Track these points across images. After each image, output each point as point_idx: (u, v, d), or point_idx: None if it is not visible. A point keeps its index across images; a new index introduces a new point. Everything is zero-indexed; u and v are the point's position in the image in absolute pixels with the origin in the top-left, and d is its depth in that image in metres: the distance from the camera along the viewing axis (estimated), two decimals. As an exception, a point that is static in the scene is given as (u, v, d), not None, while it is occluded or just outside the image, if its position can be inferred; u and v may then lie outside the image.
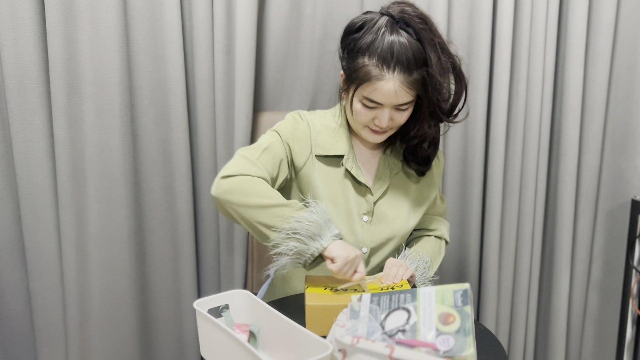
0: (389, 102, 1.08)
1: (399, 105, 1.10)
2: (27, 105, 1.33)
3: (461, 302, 0.82)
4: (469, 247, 1.69)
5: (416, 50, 1.05)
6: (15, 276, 1.45)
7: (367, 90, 1.08)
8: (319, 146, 1.18)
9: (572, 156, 1.67)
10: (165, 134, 1.45)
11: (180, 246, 1.50)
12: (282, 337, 0.89)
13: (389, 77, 1.06)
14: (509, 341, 1.80)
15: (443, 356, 0.76)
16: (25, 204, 1.37)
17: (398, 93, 1.07)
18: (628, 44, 1.68)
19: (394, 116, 1.11)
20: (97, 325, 1.45)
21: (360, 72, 1.08)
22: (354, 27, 1.11)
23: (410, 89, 1.07)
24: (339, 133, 1.21)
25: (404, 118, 1.13)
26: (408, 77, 1.06)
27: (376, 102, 1.09)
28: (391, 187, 1.22)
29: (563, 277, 1.75)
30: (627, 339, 1.74)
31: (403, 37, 1.05)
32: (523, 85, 1.61)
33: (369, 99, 1.09)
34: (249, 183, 1.04)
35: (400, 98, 1.08)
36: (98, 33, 1.33)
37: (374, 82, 1.06)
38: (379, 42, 1.05)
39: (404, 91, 1.07)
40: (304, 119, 1.20)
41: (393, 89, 1.06)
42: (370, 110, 1.11)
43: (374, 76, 1.06)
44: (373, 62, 1.06)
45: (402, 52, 1.04)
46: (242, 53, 1.40)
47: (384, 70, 1.05)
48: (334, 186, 1.19)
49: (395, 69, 1.05)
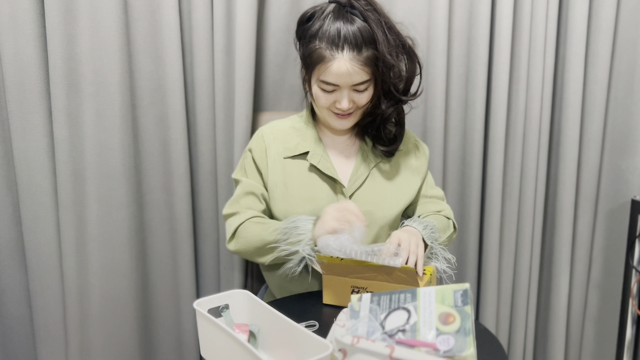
0: (344, 82, 1.12)
1: (356, 86, 1.13)
2: (27, 105, 1.33)
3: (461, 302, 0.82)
4: (468, 247, 1.69)
5: (363, 29, 1.10)
6: (15, 276, 1.45)
7: (321, 73, 1.12)
8: (286, 148, 1.23)
9: (572, 156, 1.67)
10: (165, 133, 1.45)
11: (180, 246, 1.50)
12: (282, 337, 0.89)
13: (339, 56, 1.10)
14: (509, 341, 1.80)
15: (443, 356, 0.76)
16: (25, 204, 1.37)
17: (351, 72, 1.10)
18: (628, 44, 1.68)
19: (354, 98, 1.15)
20: (97, 325, 1.45)
21: (313, 56, 1.13)
22: (305, 17, 1.17)
23: (363, 67, 1.11)
24: (304, 131, 1.25)
25: (365, 99, 1.16)
26: (358, 55, 1.10)
27: (332, 84, 1.13)
28: (369, 179, 1.24)
29: (563, 277, 1.75)
30: (627, 339, 1.74)
31: (349, 19, 1.11)
32: (523, 85, 1.61)
33: (325, 82, 1.13)
34: (245, 235, 1.18)
35: (354, 77, 1.11)
36: (98, 33, 1.33)
37: (326, 64, 1.11)
38: (327, 26, 1.11)
39: (357, 69, 1.11)
40: (260, 136, 1.26)
41: (345, 68, 1.10)
42: (329, 94, 1.15)
43: (325, 57, 1.11)
44: (323, 45, 1.11)
45: (350, 32, 1.10)
46: (242, 53, 1.40)
47: (334, 50, 1.10)
48: (306, 184, 1.21)
49: (345, 48, 1.10)
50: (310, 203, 1.20)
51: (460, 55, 1.59)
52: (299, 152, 1.22)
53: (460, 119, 1.63)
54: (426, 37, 1.55)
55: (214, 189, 1.52)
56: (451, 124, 1.62)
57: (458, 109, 1.62)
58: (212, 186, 1.51)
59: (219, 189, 1.51)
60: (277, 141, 1.24)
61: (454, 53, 1.59)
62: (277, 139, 1.24)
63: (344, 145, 1.27)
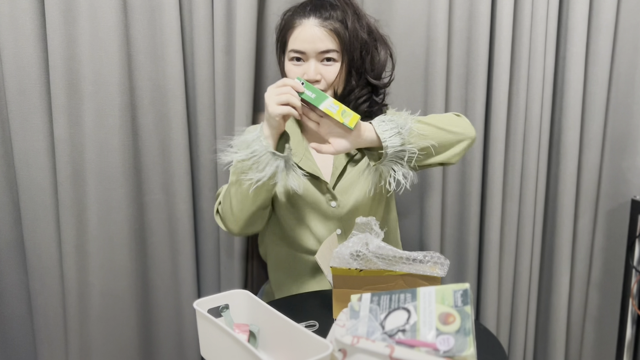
0: (311, 49, 1.15)
1: (322, 54, 1.16)
2: (27, 105, 1.33)
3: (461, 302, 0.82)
4: (469, 247, 1.69)
5: (334, 6, 1.16)
6: (15, 276, 1.45)
7: (290, 43, 1.17)
8: None
9: (572, 156, 1.67)
10: (165, 134, 1.45)
11: (180, 246, 1.50)
12: (282, 337, 0.89)
13: (305, 22, 1.16)
14: (509, 341, 1.80)
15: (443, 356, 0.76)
16: (25, 204, 1.37)
17: (316, 36, 1.14)
18: (628, 44, 1.68)
19: (321, 70, 1.17)
20: (97, 325, 1.44)
21: (282, 29, 1.20)
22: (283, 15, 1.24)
23: (330, 33, 1.15)
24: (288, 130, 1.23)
25: (333, 73, 1.17)
26: (324, 21, 1.15)
27: (300, 51, 1.16)
28: (349, 167, 1.25)
29: (563, 277, 1.75)
30: (627, 338, 1.74)
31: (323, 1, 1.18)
32: (523, 85, 1.61)
33: (294, 50, 1.17)
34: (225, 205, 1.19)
35: (319, 43, 1.15)
36: (98, 33, 1.33)
37: (294, 31, 1.16)
38: (296, 6, 1.21)
39: (323, 34, 1.15)
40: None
41: (310, 32, 1.15)
42: (298, 66, 1.17)
43: (292, 26, 1.17)
44: (291, 16, 1.18)
45: (317, 3, 1.17)
46: (242, 53, 1.40)
47: (301, 18, 1.16)
48: None
49: (310, 14, 1.16)
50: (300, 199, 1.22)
51: (460, 55, 1.59)
52: None
53: (461, 119, 1.63)
54: (426, 37, 1.55)
55: (214, 189, 1.52)
56: (451, 124, 1.62)
57: (458, 109, 1.62)
58: (213, 186, 1.51)
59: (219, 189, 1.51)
60: None
61: (454, 53, 1.58)
62: None
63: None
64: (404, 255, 0.97)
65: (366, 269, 1.00)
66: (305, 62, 1.17)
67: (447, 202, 1.67)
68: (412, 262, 0.97)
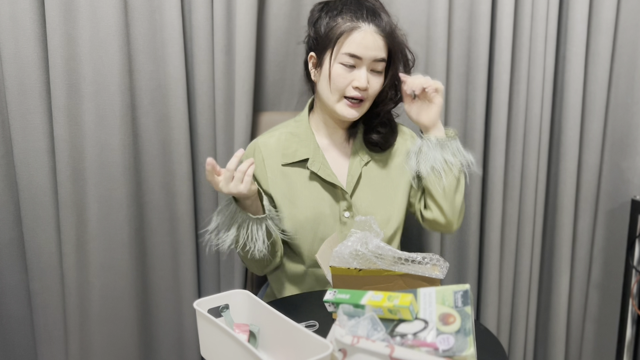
0: (367, 55, 1.13)
1: (375, 63, 1.14)
2: (27, 105, 1.33)
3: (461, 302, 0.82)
4: (469, 248, 1.69)
5: (382, 9, 1.16)
6: (15, 276, 1.45)
7: (345, 46, 1.13)
8: (284, 155, 1.22)
9: (572, 156, 1.67)
10: (165, 133, 1.45)
11: (180, 246, 1.50)
12: (282, 337, 0.89)
13: (364, 27, 1.12)
14: (509, 341, 1.80)
15: (443, 355, 0.77)
16: (25, 203, 1.37)
17: (375, 44, 1.13)
18: (628, 44, 1.68)
19: (370, 80, 1.15)
20: (97, 325, 1.45)
21: (335, 31, 1.14)
22: (315, 10, 1.20)
23: (385, 42, 1.14)
24: (303, 137, 1.23)
25: (378, 84, 1.17)
26: (381, 30, 1.13)
27: (356, 56, 1.13)
28: (363, 177, 1.23)
29: (563, 277, 1.75)
30: (627, 338, 1.74)
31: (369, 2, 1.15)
32: (523, 85, 1.61)
33: (349, 54, 1.13)
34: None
35: (376, 51, 1.13)
36: (98, 33, 1.33)
37: (351, 34, 1.12)
38: (349, 4, 1.14)
39: (380, 43, 1.13)
40: (256, 148, 1.24)
41: (371, 38, 1.12)
42: (349, 71, 1.14)
43: (350, 28, 1.12)
44: (347, 17, 1.13)
45: (370, 5, 1.14)
46: (242, 53, 1.40)
47: (358, 22, 1.12)
48: (310, 193, 1.21)
49: (368, 18, 1.13)
50: (312, 210, 1.20)
51: (460, 55, 1.59)
52: (298, 158, 1.21)
53: (461, 119, 1.63)
54: (426, 37, 1.55)
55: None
56: (451, 124, 1.62)
57: (458, 109, 1.62)
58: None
59: (219, 189, 1.51)
60: (277, 150, 1.23)
61: (454, 53, 1.58)
62: (276, 147, 1.23)
63: (340, 147, 1.26)
64: (402, 256, 0.97)
65: (365, 269, 1.00)
66: (356, 68, 1.14)
67: (447, 202, 1.68)
68: (411, 263, 0.97)
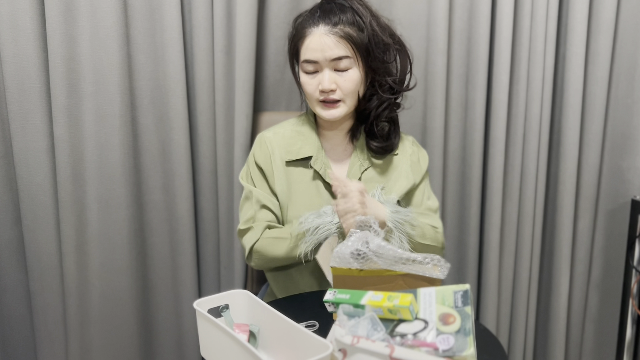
0: (322, 57, 1.13)
1: (335, 62, 1.13)
2: (27, 105, 1.33)
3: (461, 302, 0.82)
4: (469, 248, 1.69)
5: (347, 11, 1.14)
6: (15, 276, 1.45)
7: (302, 54, 1.16)
8: (288, 152, 1.22)
9: (572, 156, 1.67)
10: (165, 134, 1.45)
11: (180, 246, 1.50)
12: (282, 337, 0.89)
13: (314, 30, 1.13)
14: (509, 341, 1.80)
15: (443, 355, 0.77)
16: (25, 204, 1.37)
17: (327, 44, 1.12)
18: (628, 44, 1.68)
19: (337, 80, 1.15)
20: (97, 325, 1.45)
21: (293, 42, 1.18)
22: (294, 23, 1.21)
23: (340, 40, 1.12)
24: (307, 135, 1.24)
25: (349, 82, 1.15)
26: (333, 27, 1.12)
27: (311, 61, 1.14)
28: (362, 182, 1.23)
29: (563, 277, 1.75)
30: (627, 338, 1.74)
31: (334, 6, 1.14)
32: (523, 85, 1.61)
33: (306, 61, 1.15)
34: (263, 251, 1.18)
35: (330, 50, 1.12)
36: (98, 33, 1.33)
37: (304, 41, 1.14)
38: (307, 12, 1.18)
39: (333, 41, 1.12)
40: (263, 142, 1.25)
41: (319, 40, 1.12)
42: (312, 77, 1.16)
43: (302, 35, 1.15)
44: (301, 26, 1.16)
45: (326, 8, 1.14)
46: (242, 53, 1.40)
47: (310, 27, 1.14)
48: (311, 194, 1.21)
49: (319, 22, 1.13)
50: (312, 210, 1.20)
51: (460, 55, 1.59)
52: (302, 156, 1.22)
53: (460, 119, 1.63)
54: (426, 37, 1.55)
55: (215, 189, 1.52)
56: (451, 124, 1.62)
57: (458, 109, 1.62)
58: (213, 186, 1.51)
59: (220, 189, 1.51)
60: (280, 147, 1.23)
61: (454, 53, 1.58)
62: (280, 144, 1.23)
63: (341, 150, 1.27)
64: (403, 255, 0.97)
65: (366, 269, 1.00)
66: (320, 72, 1.15)
67: (448, 202, 1.68)
68: (412, 263, 0.97)
